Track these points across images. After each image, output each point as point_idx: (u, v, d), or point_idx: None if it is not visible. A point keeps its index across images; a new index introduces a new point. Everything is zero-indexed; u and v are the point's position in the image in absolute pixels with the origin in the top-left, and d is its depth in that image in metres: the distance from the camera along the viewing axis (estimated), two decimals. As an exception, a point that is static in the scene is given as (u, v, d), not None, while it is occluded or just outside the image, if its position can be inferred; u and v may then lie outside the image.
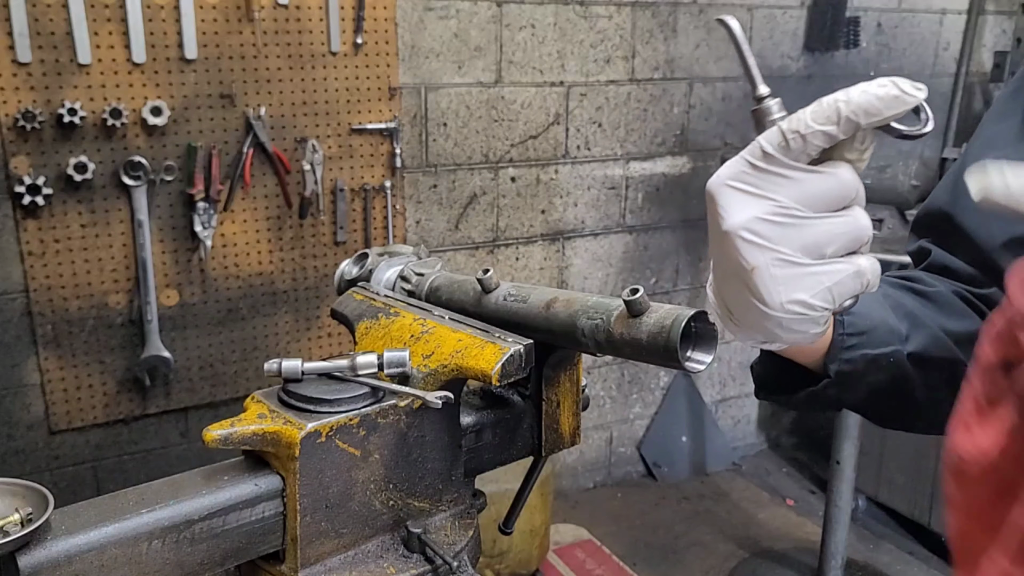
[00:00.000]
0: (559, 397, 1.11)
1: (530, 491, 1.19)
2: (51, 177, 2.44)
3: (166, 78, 2.52)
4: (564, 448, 1.14)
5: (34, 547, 0.77)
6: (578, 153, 3.30)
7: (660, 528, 3.47)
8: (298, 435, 0.87)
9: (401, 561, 0.96)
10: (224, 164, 2.64)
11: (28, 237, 2.46)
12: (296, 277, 2.85)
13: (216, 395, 2.82)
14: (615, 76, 3.30)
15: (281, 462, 0.90)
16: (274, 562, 0.93)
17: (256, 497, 0.89)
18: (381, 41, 2.78)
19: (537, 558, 3.08)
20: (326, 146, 2.77)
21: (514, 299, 1.04)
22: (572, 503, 3.64)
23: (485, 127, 3.10)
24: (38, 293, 2.52)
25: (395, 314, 1.09)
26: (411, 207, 3.03)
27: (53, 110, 2.40)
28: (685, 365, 0.88)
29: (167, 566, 0.84)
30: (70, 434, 2.68)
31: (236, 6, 2.55)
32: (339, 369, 0.94)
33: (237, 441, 0.88)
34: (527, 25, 3.07)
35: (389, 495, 0.97)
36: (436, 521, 1.02)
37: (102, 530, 0.80)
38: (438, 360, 0.97)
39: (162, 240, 2.63)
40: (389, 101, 2.85)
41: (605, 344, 0.93)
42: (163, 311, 2.67)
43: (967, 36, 3.94)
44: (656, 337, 0.87)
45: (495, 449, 1.10)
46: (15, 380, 2.57)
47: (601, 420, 3.72)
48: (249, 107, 2.63)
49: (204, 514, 0.85)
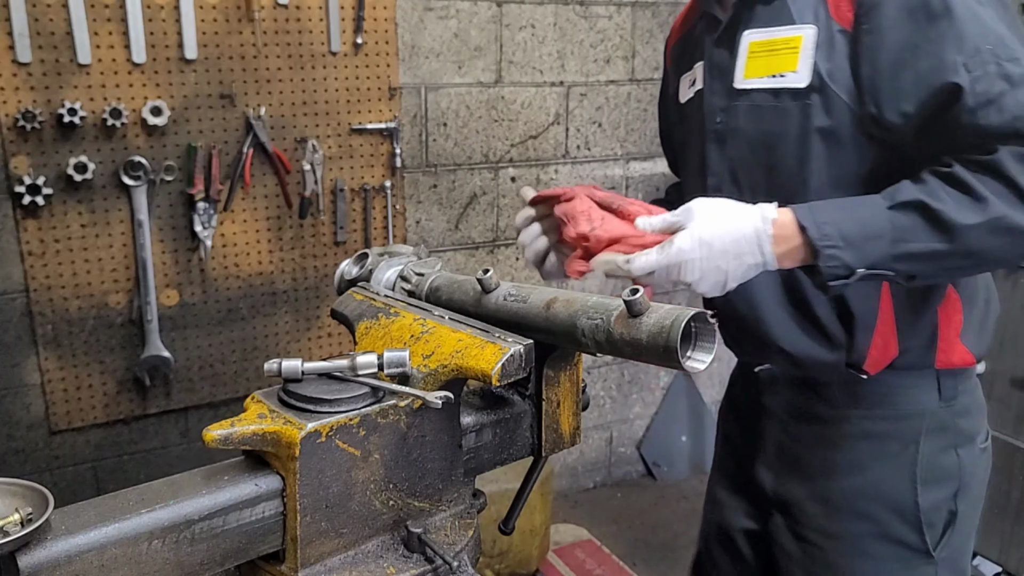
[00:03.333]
0: (559, 397, 1.11)
1: (530, 491, 1.19)
2: (51, 177, 2.44)
3: (166, 78, 2.52)
4: (564, 448, 1.14)
5: (34, 547, 0.77)
6: (578, 153, 3.30)
7: (660, 528, 3.47)
8: (298, 435, 0.87)
9: (401, 561, 0.96)
10: (224, 164, 2.64)
11: (28, 237, 2.46)
12: (296, 277, 2.85)
13: (216, 395, 2.82)
14: (615, 76, 3.30)
15: (281, 462, 0.90)
16: (274, 562, 0.93)
17: (256, 497, 0.89)
18: (381, 41, 2.78)
19: (537, 558, 3.08)
20: (326, 146, 2.77)
21: (514, 299, 1.04)
22: (572, 503, 3.64)
23: (485, 127, 3.10)
24: (38, 293, 2.52)
25: (395, 314, 1.09)
26: (411, 207, 3.03)
27: (53, 110, 2.40)
28: (685, 365, 0.88)
29: (167, 566, 0.84)
30: (70, 434, 2.68)
31: (236, 6, 2.55)
32: (339, 369, 0.94)
33: (237, 441, 0.88)
34: (527, 25, 3.07)
35: (389, 495, 0.97)
36: (436, 521, 1.02)
37: (102, 530, 0.80)
38: (438, 360, 0.97)
39: (162, 240, 2.63)
40: (389, 101, 2.85)
41: (605, 344, 0.93)
42: (163, 311, 2.67)
43: (967, 36, 3.93)
44: (656, 337, 0.87)
45: (495, 449, 1.10)
46: (15, 380, 2.57)
47: (601, 420, 3.72)
48: (249, 107, 2.63)
49: (204, 514, 0.85)
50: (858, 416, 1.44)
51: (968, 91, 1.14)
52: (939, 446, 1.43)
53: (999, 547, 2.89)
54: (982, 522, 1.57)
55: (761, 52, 1.32)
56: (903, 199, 1.16)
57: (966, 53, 1.15)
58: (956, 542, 1.47)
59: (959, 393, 1.43)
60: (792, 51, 1.27)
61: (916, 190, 1.17)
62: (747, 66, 1.34)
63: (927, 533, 1.44)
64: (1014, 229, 1.13)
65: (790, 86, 1.28)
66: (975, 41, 1.15)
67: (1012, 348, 2.78)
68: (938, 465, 1.43)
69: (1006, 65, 1.14)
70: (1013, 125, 1.13)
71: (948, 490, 1.44)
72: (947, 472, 1.44)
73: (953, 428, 1.43)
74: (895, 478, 1.43)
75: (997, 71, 1.14)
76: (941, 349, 1.38)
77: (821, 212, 1.19)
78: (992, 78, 1.14)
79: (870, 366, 1.38)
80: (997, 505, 2.84)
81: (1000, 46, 1.15)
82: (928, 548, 1.44)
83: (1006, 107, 1.13)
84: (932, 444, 1.42)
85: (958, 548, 1.49)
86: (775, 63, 1.30)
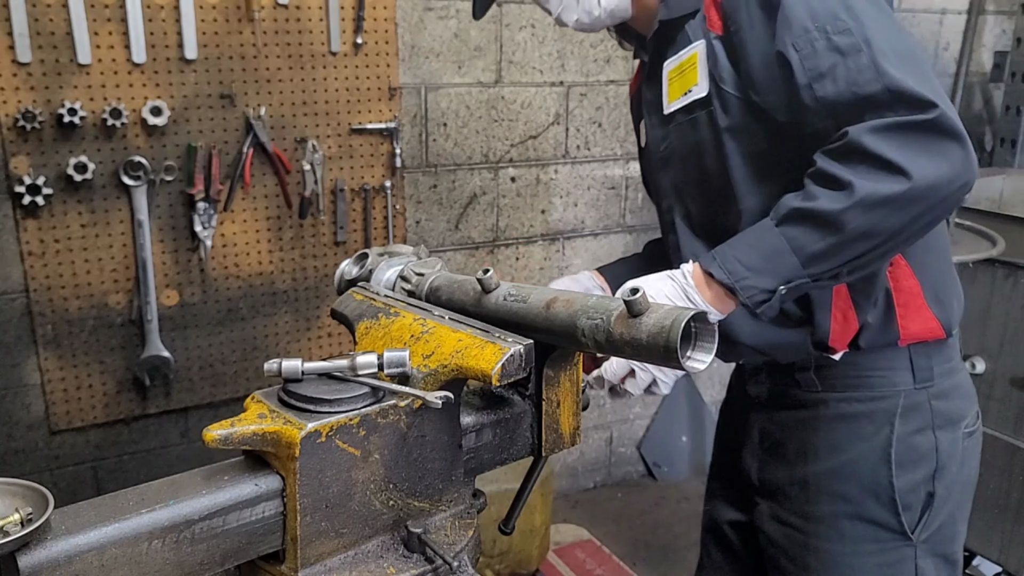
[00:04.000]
0: (559, 397, 1.11)
1: (530, 491, 1.19)
2: (51, 177, 2.44)
3: (166, 78, 2.52)
4: (564, 448, 1.14)
5: (34, 547, 0.77)
6: (578, 153, 3.30)
7: (660, 528, 3.47)
8: (298, 435, 0.87)
9: (401, 561, 0.96)
10: (224, 164, 2.64)
11: (28, 237, 2.46)
12: (296, 277, 2.85)
13: (216, 395, 2.82)
14: (615, 76, 3.30)
15: (281, 462, 0.90)
16: (274, 562, 0.93)
17: (256, 497, 0.89)
18: (381, 41, 2.78)
19: (537, 558, 3.08)
20: (326, 146, 2.77)
21: (514, 299, 1.04)
22: (572, 503, 3.64)
23: (485, 127, 3.10)
24: (38, 293, 2.52)
25: (395, 314, 1.09)
26: (411, 207, 3.03)
27: (53, 110, 2.40)
28: (685, 365, 0.88)
29: (167, 566, 0.84)
30: (70, 434, 2.68)
31: (236, 6, 2.55)
32: (339, 369, 0.94)
33: (237, 441, 0.88)
34: (527, 25, 3.07)
35: (389, 495, 0.97)
36: (436, 521, 1.02)
37: (102, 530, 0.80)
38: (438, 360, 0.97)
39: (162, 240, 2.63)
40: (389, 101, 2.85)
41: (605, 344, 0.93)
42: (163, 311, 2.67)
43: (967, 36, 3.93)
44: (656, 337, 0.87)
45: (495, 449, 1.10)
46: (15, 380, 2.57)
47: (601, 420, 3.72)
48: (249, 107, 2.63)
49: (204, 514, 0.85)
50: (835, 400, 1.48)
51: (798, 68, 1.22)
52: (914, 427, 1.46)
53: (999, 547, 2.88)
54: (982, 522, 1.58)
55: (675, 77, 1.42)
56: (784, 213, 1.25)
57: (794, 33, 1.23)
58: (938, 526, 1.49)
59: (935, 375, 1.46)
60: (693, 68, 1.38)
61: (792, 199, 1.25)
62: (669, 92, 1.45)
63: (904, 515, 1.46)
64: (884, 200, 1.17)
65: (696, 98, 1.39)
66: (803, 21, 1.22)
67: (1012, 348, 2.78)
68: (914, 447, 1.46)
69: (835, 38, 1.21)
70: (850, 91, 1.19)
71: (924, 472, 1.46)
72: (923, 454, 1.46)
73: (930, 409, 1.46)
74: (870, 459, 1.46)
75: (826, 45, 1.21)
76: (901, 316, 1.41)
77: (721, 253, 1.29)
78: (822, 53, 1.21)
79: (835, 342, 1.41)
80: (997, 505, 2.83)
81: (832, 21, 1.21)
82: (906, 530, 1.47)
83: (839, 76, 1.20)
84: (907, 425, 1.45)
85: (942, 533, 1.50)
86: (685, 82, 1.41)
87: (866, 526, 1.48)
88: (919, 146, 1.16)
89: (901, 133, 1.16)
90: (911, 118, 1.16)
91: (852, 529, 1.48)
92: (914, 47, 1.24)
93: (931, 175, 1.16)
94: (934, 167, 1.16)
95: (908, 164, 1.15)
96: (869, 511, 1.47)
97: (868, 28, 1.20)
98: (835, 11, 1.22)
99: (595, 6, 1.47)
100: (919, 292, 1.42)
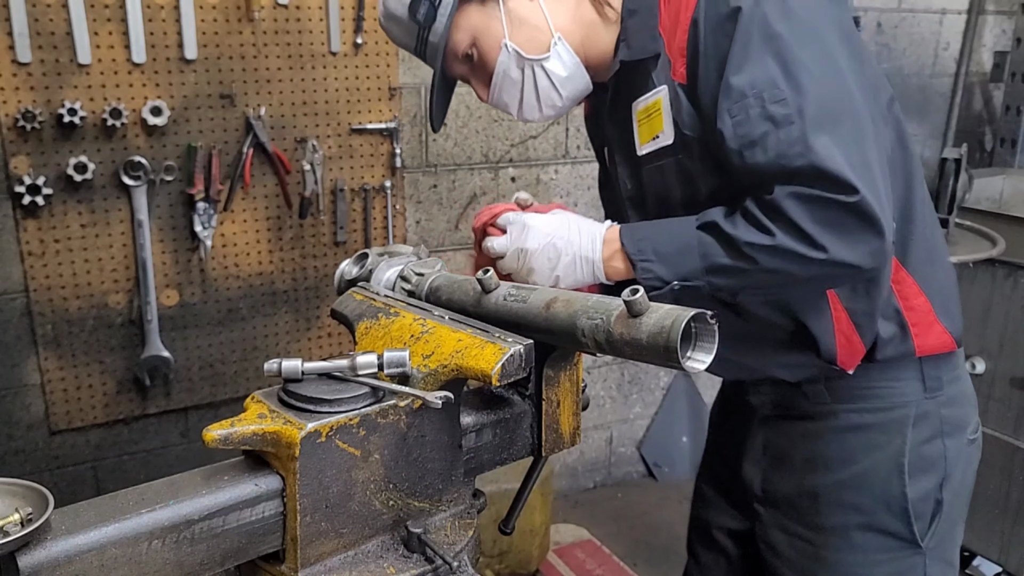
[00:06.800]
0: (559, 397, 1.11)
1: (530, 491, 1.19)
2: (51, 177, 2.44)
3: (166, 78, 2.52)
4: (564, 448, 1.14)
5: (34, 547, 0.77)
6: (578, 153, 3.30)
7: (660, 528, 3.47)
8: (298, 435, 0.87)
9: (401, 561, 0.96)
10: (224, 164, 2.64)
11: (28, 237, 2.46)
12: (296, 277, 2.85)
13: (216, 395, 2.82)
14: (615, 76, 3.30)
15: (281, 462, 0.90)
16: (274, 562, 0.93)
17: (256, 497, 0.89)
18: (381, 41, 2.78)
19: (537, 558, 3.08)
20: (326, 146, 2.77)
21: (514, 299, 1.04)
22: (572, 503, 3.64)
23: (485, 127, 3.10)
24: (38, 293, 2.52)
25: (395, 314, 1.09)
26: (411, 207, 3.03)
27: (53, 110, 2.40)
28: (685, 365, 0.88)
29: (167, 566, 0.84)
30: (70, 434, 2.68)
31: (236, 6, 2.55)
32: (339, 369, 0.94)
33: (237, 441, 0.88)
34: (527, 25, 3.07)
35: (389, 495, 0.97)
36: (436, 521, 1.02)
37: (102, 530, 0.80)
38: (438, 360, 0.97)
39: (162, 240, 2.63)
40: (389, 101, 2.85)
41: (605, 344, 0.93)
42: (163, 311, 2.67)
43: (967, 36, 3.93)
44: (656, 337, 0.87)
45: (495, 449, 1.10)
46: (15, 380, 2.57)
47: (601, 420, 3.72)
48: (249, 107, 2.63)
49: (204, 514, 0.85)
50: (845, 411, 1.47)
51: (729, 135, 1.23)
52: (925, 436, 1.45)
53: (999, 547, 2.88)
54: (982, 522, 1.58)
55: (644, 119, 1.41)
56: (707, 220, 1.28)
57: (732, 99, 1.23)
58: (943, 533, 1.49)
59: (944, 384, 1.46)
60: (659, 114, 1.37)
61: (717, 213, 1.27)
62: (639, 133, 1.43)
63: (915, 524, 1.46)
64: (799, 257, 1.20)
65: (663, 145, 1.38)
66: (742, 88, 1.22)
67: (1012, 348, 2.78)
68: (924, 455, 1.46)
69: (770, 107, 1.21)
70: (778, 163, 1.20)
71: (934, 480, 1.46)
72: (933, 462, 1.46)
73: (939, 418, 1.46)
74: (883, 469, 1.46)
75: (760, 113, 1.21)
76: (916, 334, 1.41)
77: (640, 229, 1.34)
78: (755, 120, 1.21)
79: (844, 363, 1.41)
80: (997, 505, 2.83)
81: (770, 89, 1.21)
82: (916, 539, 1.46)
83: (769, 146, 1.20)
84: (919, 434, 1.45)
85: (945, 539, 1.51)
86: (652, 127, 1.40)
87: (877, 536, 1.47)
88: (837, 224, 1.18)
89: (820, 206, 1.18)
90: (832, 196, 1.17)
91: (863, 540, 1.47)
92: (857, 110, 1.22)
93: (845, 257, 1.19)
94: (848, 251, 1.19)
95: (824, 240, 1.18)
96: (881, 521, 1.46)
97: (806, 97, 1.19)
98: (774, 79, 1.21)
99: (557, 98, 1.46)
100: (929, 309, 1.42)
